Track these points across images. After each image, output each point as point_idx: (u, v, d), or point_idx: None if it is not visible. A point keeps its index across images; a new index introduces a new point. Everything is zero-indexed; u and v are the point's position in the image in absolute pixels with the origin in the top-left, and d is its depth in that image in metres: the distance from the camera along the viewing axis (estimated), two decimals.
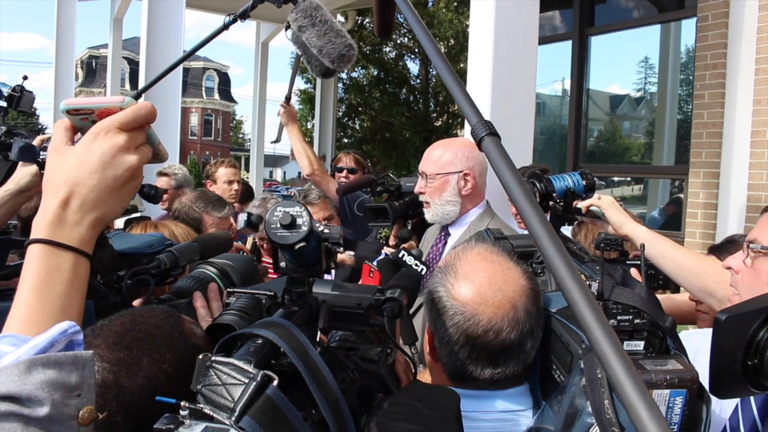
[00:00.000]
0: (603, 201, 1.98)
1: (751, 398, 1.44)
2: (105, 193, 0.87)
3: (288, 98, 4.40)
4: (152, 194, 2.84)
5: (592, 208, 1.95)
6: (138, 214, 2.39)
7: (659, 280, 1.91)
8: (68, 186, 0.85)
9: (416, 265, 1.99)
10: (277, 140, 5.26)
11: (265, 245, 3.48)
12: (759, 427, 1.42)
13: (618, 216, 2.00)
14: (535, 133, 4.31)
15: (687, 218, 5.90)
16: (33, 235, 0.84)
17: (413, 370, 1.29)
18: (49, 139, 1.95)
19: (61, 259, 0.83)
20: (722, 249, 2.21)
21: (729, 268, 1.66)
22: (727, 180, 5.56)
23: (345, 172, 4.53)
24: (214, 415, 0.75)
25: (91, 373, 0.73)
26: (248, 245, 3.58)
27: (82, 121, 0.91)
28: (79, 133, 0.93)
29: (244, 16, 1.43)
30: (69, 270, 0.83)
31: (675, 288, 2.09)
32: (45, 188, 0.87)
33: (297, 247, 0.99)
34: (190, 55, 1.58)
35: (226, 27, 1.49)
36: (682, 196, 6.46)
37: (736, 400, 1.47)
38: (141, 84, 6.07)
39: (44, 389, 0.68)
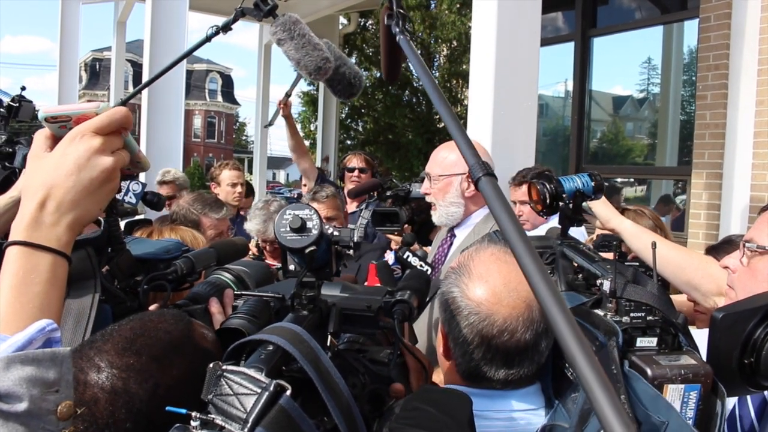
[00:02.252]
0: None
1: (748, 397, 1.45)
2: (81, 195, 0.88)
3: (288, 94, 4.70)
4: (155, 201, 2.85)
5: None
6: (140, 217, 2.39)
7: (658, 281, 1.92)
8: (45, 189, 0.87)
9: (421, 265, 2.01)
10: (270, 124, 5.60)
11: (268, 247, 3.48)
12: (755, 425, 1.43)
13: (605, 210, 2.01)
14: (538, 135, 4.32)
15: (690, 219, 5.90)
16: (11, 238, 0.86)
17: (425, 373, 1.29)
18: None
19: (38, 259, 0.85)
20: (719, 249, 2.22)
21: (726, 267, 1.67)
22: (729, 181, 5.55)
23: (356, 171, 4.60)
24: (226, 425, 0.74)
25: (68, 369, 0.74)
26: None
27: (60, 129, 0.93)
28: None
29: (226, 28, 1.47)
30: (47, 270, 0.85)
31: (675, 289, 2.10)
32: (23, 193, 0.89)
33: (307, 250, 0.98)
34: (169, 68, 1.60)
35: (208, 39, 1.52)
36: (683, 197, 6.46)
37: (734, 399, 1.48)
38: None
39: (22, 385, 0.70)
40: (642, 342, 1.12)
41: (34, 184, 0.88)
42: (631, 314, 1.14)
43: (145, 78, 5.98)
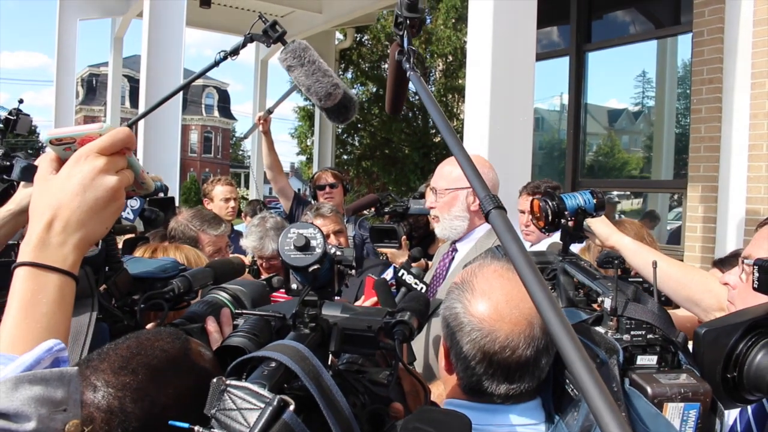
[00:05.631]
0: None
1: (748, 409, 1.46)
2: (87, 215, 0.89)
3: (270, 111, 4.67)
4: (153, 218, 2.84)
5: None
6: (133, 235, 2.38)
7: (661, 297, 1.93)
8: (51, 210, 0.88)
9: (415, 283, 2.01)
10: (245, 137, 5.60)
11: (264, 264, 3.47)
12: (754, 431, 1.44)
13: (604, 228, 2.02)
14: (534, 148, 4.36)
15: (686, 232, 5.91)
16: (19, 259, 0.87)
17: (424, 394, 1.29)
18: None
19: (46, 280, 0.86)
20: (726, 263, 2.22)
21: (726, 283, 1.68)
22: (725, 194, 5.57)
23: (327, 188, 4.60)
24: None
25: (76, 388, 0.75)
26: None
27: (65, 151, 0.94)
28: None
29: (235, 53, 1.48)
30: (54, 291, 0.86)
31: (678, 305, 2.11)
32: (31, 215, 0.90)
33: (311, 269, 0.99)
34: (180, 90, 1.61)
35: (216, 64, 1.53)
36: (678, 210, 6.48)
37: (736, 413, 1.49)
38: (141, 101, 6.11)
39: (31, 405, 0.70)
40: (642, 360, 1.14)
41: (41, 206, 0.90)
42: (632, 332, 1.16)
43: (142, 94, 5.97)
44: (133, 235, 2.26)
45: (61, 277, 0.87)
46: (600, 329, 1.19)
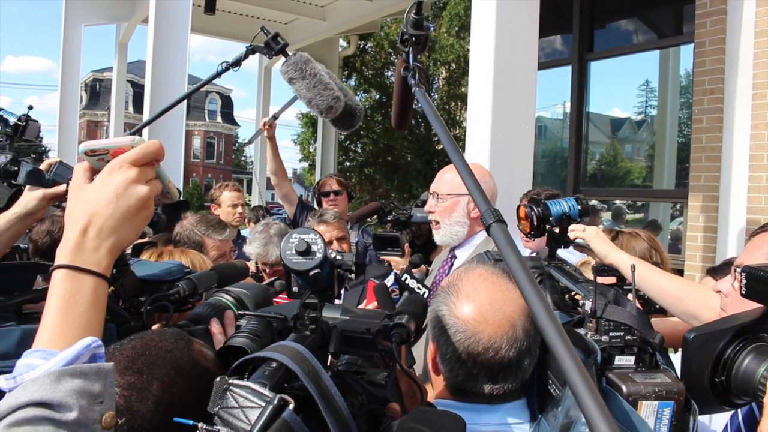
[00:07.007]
0: (587, 233, 2.05)
1: (738, 412, 1.48)
2: (119, 222, 0.94)
3: (276, 117, 4.70)
4: (155, 221, 2.88)
5: (577, 240, 2.01)
6: (144, 240, 2.41)
7: (655, 305, 1.96)
8: (87, 216, 0.93)
9: (418, 288, 2.03)
10: (249, 142, 6.28)
11: (267, 270, 3.48)
12: None
13: (602, 246, 2.05)
14: (537, 157, 4.37)
15: (687, 242, 5.92)
16: (57, 262, 0.91)
17: (420, 395, 1.31)
18: (56, 163, 2.00)
19: (82, 282, 0.90)
20: (719, 271, 2.25)
21: (719, 291, 1.71)
22: (726, 203, 5.58)
23: (331, 195, 4.62)
24: None
25: (111, 382, 0.81)
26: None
27: (98, 162, 1.00)
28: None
29: (236, 64, 1.50)
30: (90, 292, 0.91)
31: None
32: (67, 221, 0.95)
33: (311, 273, 1.02)
34: (182, 99, 1.63)
35: (218, 74, 1.56)
36: (680, 219, 6.49)
37: (727, 417, 1.51)
38: (145, 107, 6.15)
39: (72, 396, 0.76)
40: (620, 360, 1.18)
41: (76, 212, 0.95)
42: (610, 334, 1.20)
43: (146, 100, 6.02)
44: (144, 240, 2.30)
45: (96, 280, 0.92)
46: (581, 331, 1.23)
